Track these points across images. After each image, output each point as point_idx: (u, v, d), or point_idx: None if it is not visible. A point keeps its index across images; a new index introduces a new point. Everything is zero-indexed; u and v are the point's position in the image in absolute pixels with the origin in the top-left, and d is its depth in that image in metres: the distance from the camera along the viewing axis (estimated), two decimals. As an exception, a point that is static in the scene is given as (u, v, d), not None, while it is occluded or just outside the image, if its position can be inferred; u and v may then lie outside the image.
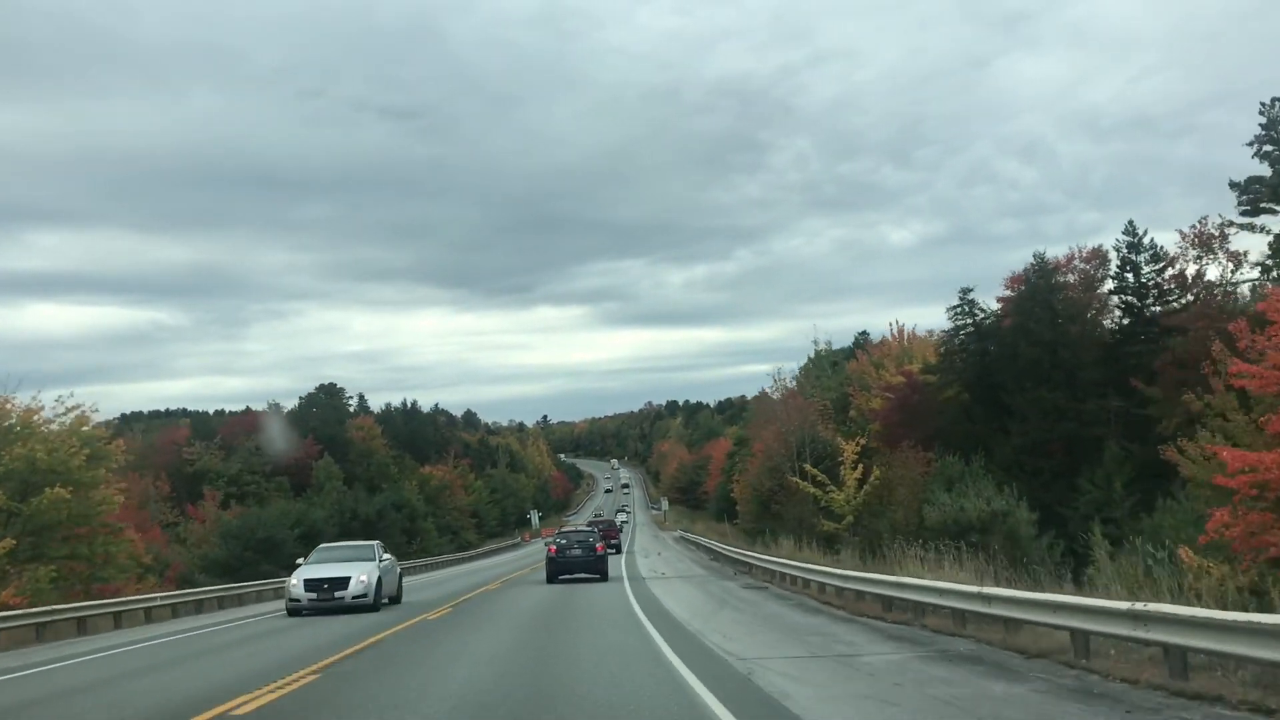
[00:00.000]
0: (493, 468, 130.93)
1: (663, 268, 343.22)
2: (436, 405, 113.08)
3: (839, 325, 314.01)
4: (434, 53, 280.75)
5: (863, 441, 42.77)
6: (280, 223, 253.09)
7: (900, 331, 63.81)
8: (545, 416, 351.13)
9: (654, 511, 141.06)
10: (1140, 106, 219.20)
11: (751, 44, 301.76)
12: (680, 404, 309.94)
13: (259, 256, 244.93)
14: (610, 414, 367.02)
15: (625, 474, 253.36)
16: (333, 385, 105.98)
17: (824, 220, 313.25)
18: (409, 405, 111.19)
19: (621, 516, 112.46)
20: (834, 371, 61.67)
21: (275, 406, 76.77)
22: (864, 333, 78.22)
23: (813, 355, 60.50)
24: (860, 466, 41.99)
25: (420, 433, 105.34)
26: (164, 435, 64.50)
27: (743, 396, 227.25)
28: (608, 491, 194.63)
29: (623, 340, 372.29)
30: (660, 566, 37.00)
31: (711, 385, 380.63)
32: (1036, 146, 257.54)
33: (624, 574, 33.56)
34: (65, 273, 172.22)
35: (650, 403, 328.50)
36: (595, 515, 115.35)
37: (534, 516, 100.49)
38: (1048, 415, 46.79)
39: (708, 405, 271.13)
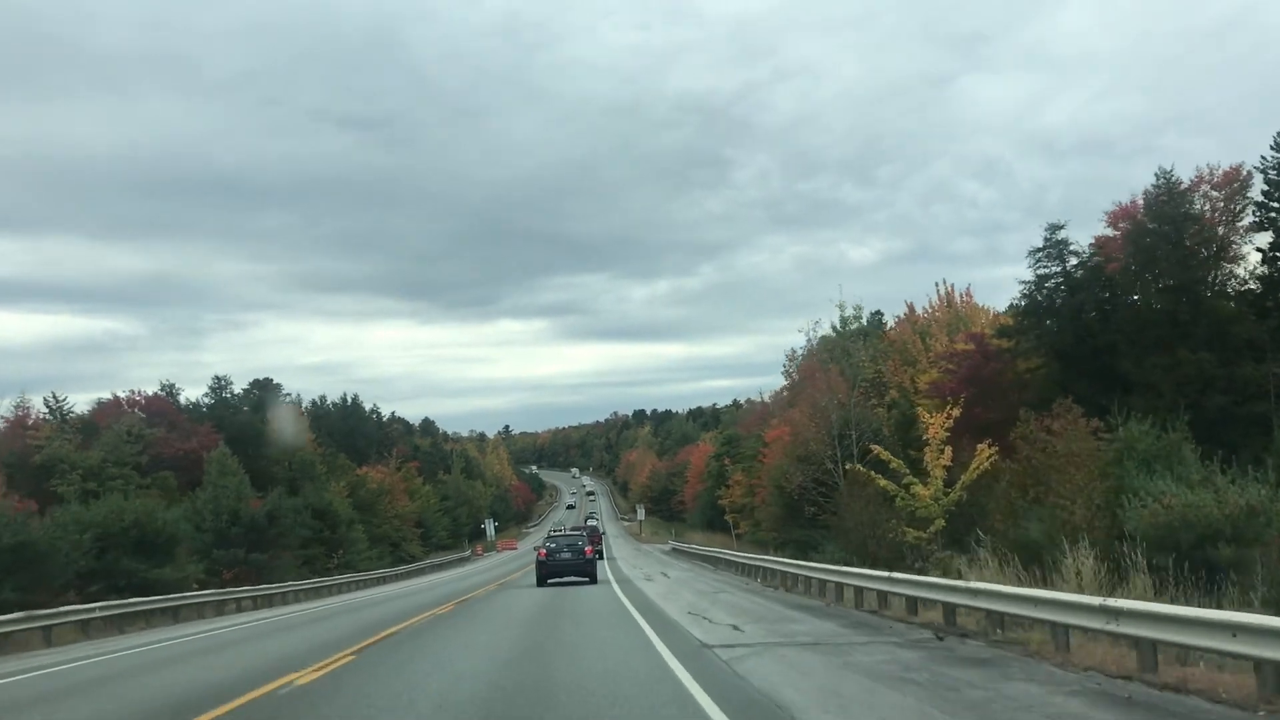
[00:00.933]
0: (446, 473, 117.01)
1: (625, 282, 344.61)
2: (379, 409, 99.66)
3: (799, 341, 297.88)
4: (395, 62, 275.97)
5: (955, 413, 29.75)
6: (238, 232, 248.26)
7: (950, 293, 51.22)
8: (507, 427, 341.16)
9: (626, 522, 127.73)
10: (1096, 128, 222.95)
11: (712, 60, 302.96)
12: (648, 412, 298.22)
13: (216, 266, 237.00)
14: (575, 424, 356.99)
15: (589, 482, 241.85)
16: (268, 380, 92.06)
17: (786, 237, 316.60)
18: (349, 401, 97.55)
19: (591, 523, 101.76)
20: (865, 344, 48.67)
21: (170, 388, 62.34)
22: (878, 312, 65.47)
23: (837, 324, 47.32)
24: (947, 451, 29.08)
25: (359, 430, 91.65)
26: (15, 421, 50.06)
27: (714, 405, 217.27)
28: (570, 508, 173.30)
29: (585, 354, 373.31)
30: (705, 607, 22.91)
31: (674, 400, 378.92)
32: (995, 166, 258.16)
33: (643, 620, 19.75)
34: (14, 279, 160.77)
35: (616, 412, 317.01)
36: (554, 530, 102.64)
37: (489, 526, 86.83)
38: (1187, 385, 34.19)
39: (677, 413, 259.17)
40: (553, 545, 35.25)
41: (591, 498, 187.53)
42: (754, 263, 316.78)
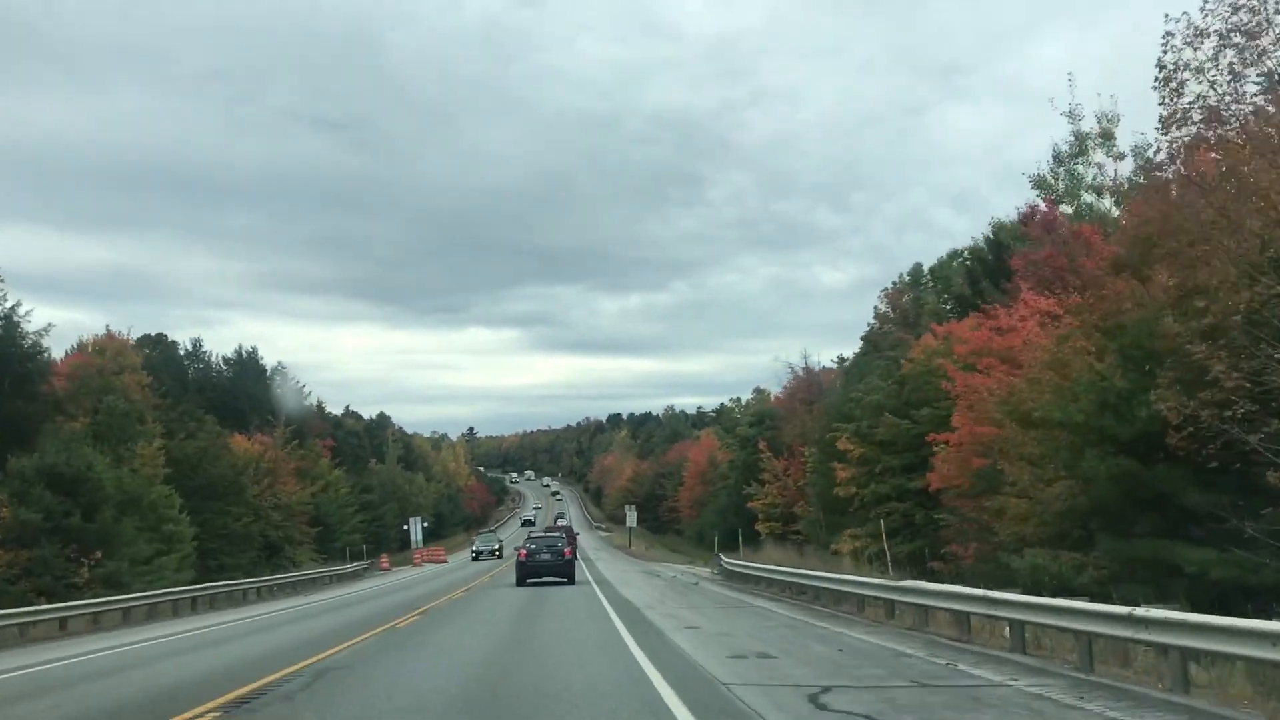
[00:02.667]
0: (379, 462, 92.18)
1: (596, 295, 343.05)
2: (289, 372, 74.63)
3: (770, 362, 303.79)
4: (369, 66, 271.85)
5: None
6: (205, 229, 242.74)
7: None
8: (471, 429, 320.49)
9: (602, 532, 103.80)
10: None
11: (690, 78, 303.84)
12: (624, 416, 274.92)
13: (182, 263, 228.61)
14: (544, 428, 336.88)
15: (555, 485, 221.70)
16: (162, 336, 67.50)
17: (759, 258, 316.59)
18: (245, 354, 72.59)
19: (562, 522, 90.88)
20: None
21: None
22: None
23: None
24: None
25: (250, 391, 66.92)
26: None
27: (699, 409, 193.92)
28: (527, 523, 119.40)
29: (555, 366, 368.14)
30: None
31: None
32: (969, 196, 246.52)
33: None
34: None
35: (589, 417, 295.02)
36: (531, 533, 79.60)
37: (415, 527, 61.99)
38: None
39: (656, 416, 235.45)
40: (532, 546, 35.50)
41: (558, 497, 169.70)
42: (727, 282, 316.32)
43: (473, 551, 61.68)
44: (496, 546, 62.40)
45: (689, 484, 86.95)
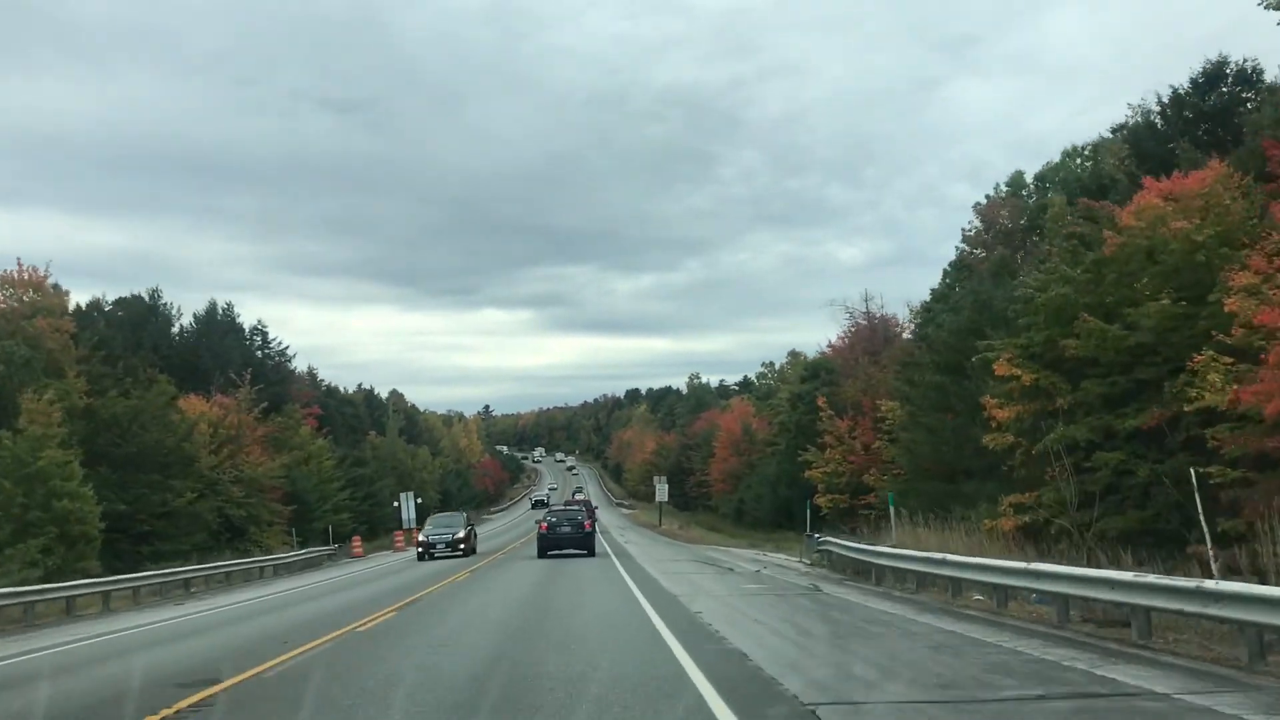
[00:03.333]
0: (379, 435, 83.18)
1: (609, 275, 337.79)
2: (267, 332, 65.46)
3: (785, 340, 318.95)
4: (377, 45, 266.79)
5: None
6: (216, 212, 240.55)
7: None
8: (487, 407, 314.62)
9: (625, 509, 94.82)
10: (1084, 138, 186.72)
11: (699, 54, 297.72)
12: (643, 391, 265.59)
13: (194, 245, 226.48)
14: (560, 404, 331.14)
15: (571, 460, 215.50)
16: (140, 298, 58.39)
17: (771, 235, 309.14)
18: (220, 310, 63.46)
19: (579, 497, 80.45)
20: None
21: None
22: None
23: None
24: None
25: (217, 349, 57.77)
26: None
27: (722, 382, 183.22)
28: (539, 504, 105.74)
29: (569, 346, 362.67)
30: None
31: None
32: (982, 171, 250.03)
33: None
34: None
35: (607, 394, 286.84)
36: (553, 505, 70.37)
37: (406, 503, 52.60)
38: None
39: (676, 390, 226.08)
40: (553, 519, 36.24)
41: (573, 471, 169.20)
42: (739, 260, 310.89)
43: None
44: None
45: (720, 455, 77.49)
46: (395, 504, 53.68)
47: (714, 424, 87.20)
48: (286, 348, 67.04)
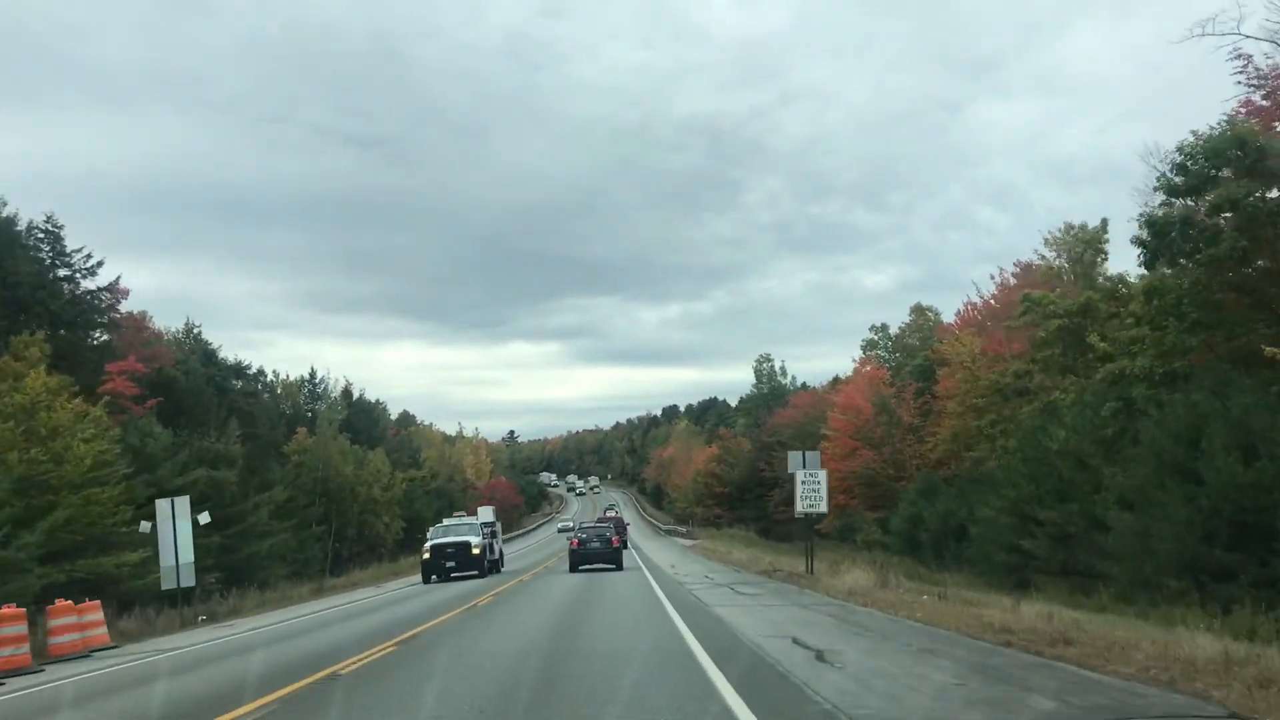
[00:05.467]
0: (310, 432, 55.02)
1: (636, 305, 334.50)
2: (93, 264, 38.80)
3: (812, 369, 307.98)
4: (397, 80, 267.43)
5: None
6: (244, 250, 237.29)
7: None
8: (512, 432, 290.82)
9: (682, 539, 65.42)
10: (1110, 156, 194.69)
11: (720, 82, 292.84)
12: (681, 408, 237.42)
13: (223, 285, 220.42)
14: (590, 428, 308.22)
15: (594, 484, 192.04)
16: None
17: (797, 262, 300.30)
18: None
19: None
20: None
21: None
22: None
23: None
24: None
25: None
26: None
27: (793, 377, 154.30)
28: (565, 529, 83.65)
29: (598, 377, 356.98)
30: None
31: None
32: (1008, 192, 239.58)
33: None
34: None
35: (647, 412, 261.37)
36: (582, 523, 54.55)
37: (165, 521, 22.83)
38: None
39: (723, 401, 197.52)
40: (584, 535, 38.02)
41: (595, 491, 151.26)
42: (765, 288, 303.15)
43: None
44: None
45: (836, 447, 48.31)
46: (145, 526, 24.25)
47: (818, 407, 57.71)
48: (99, 264, 38.70)
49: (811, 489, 25.06)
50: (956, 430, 40.39)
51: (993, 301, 43.77)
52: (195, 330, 54.85)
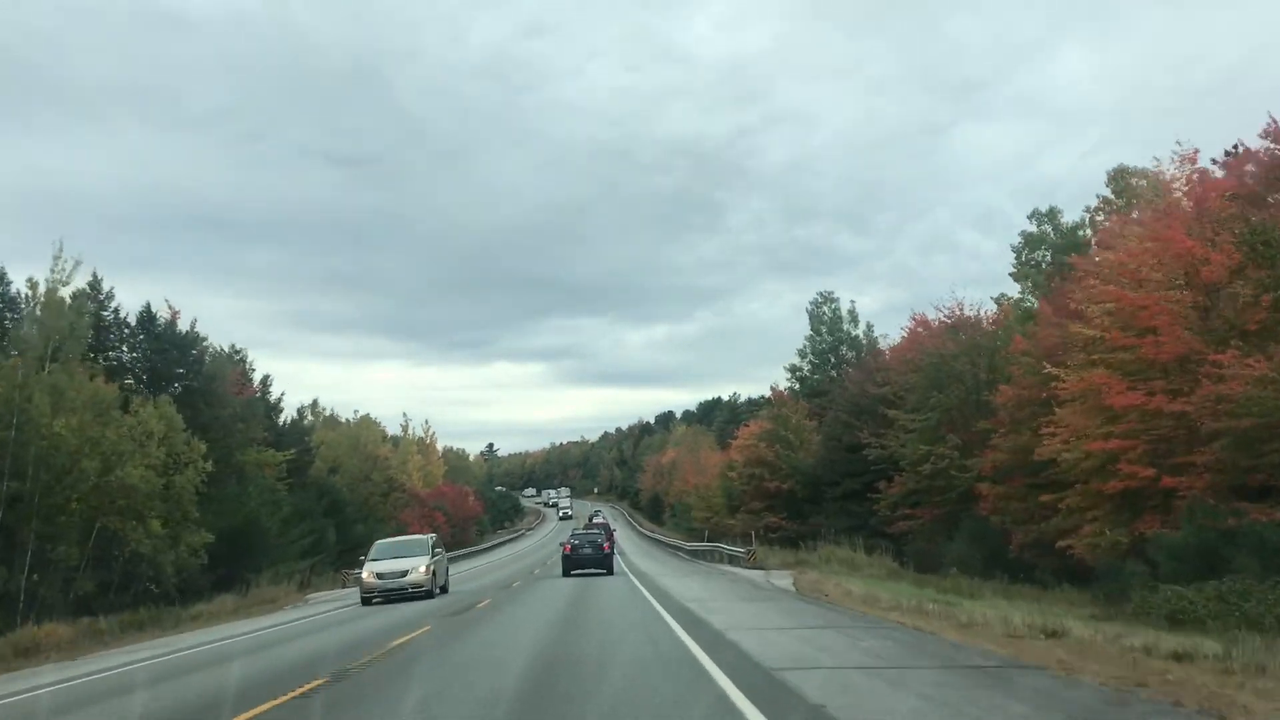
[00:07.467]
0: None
1: (621, 326, 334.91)
2: None
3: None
4: (379, 100, 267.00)
5: None
6: (224, 269, 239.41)
7: None
8: (491, 445, 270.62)
9: (746, 571, 38.21)
10: (1095, 179, 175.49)
11: (703, 104, 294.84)
12: (678, 414, 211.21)
13: (203, 302, 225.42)
14: (575, 439, 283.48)
15: (564, 497, 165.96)
16: None
17: (783, 284, 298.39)
18: None
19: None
20: None
21: None
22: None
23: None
24: None
25: None
26: None
27: (765, 396, 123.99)
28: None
29: (582, 398, 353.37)
30: None
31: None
32: (994, 216, 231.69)
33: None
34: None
35: (640, 419, 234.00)
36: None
37: None
38: None
39: (726, 401, 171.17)
40: (576, 542, 39.10)
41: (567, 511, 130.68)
42: (751, 309, 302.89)
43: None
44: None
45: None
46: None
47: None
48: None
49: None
50: None
51: None
52: None
